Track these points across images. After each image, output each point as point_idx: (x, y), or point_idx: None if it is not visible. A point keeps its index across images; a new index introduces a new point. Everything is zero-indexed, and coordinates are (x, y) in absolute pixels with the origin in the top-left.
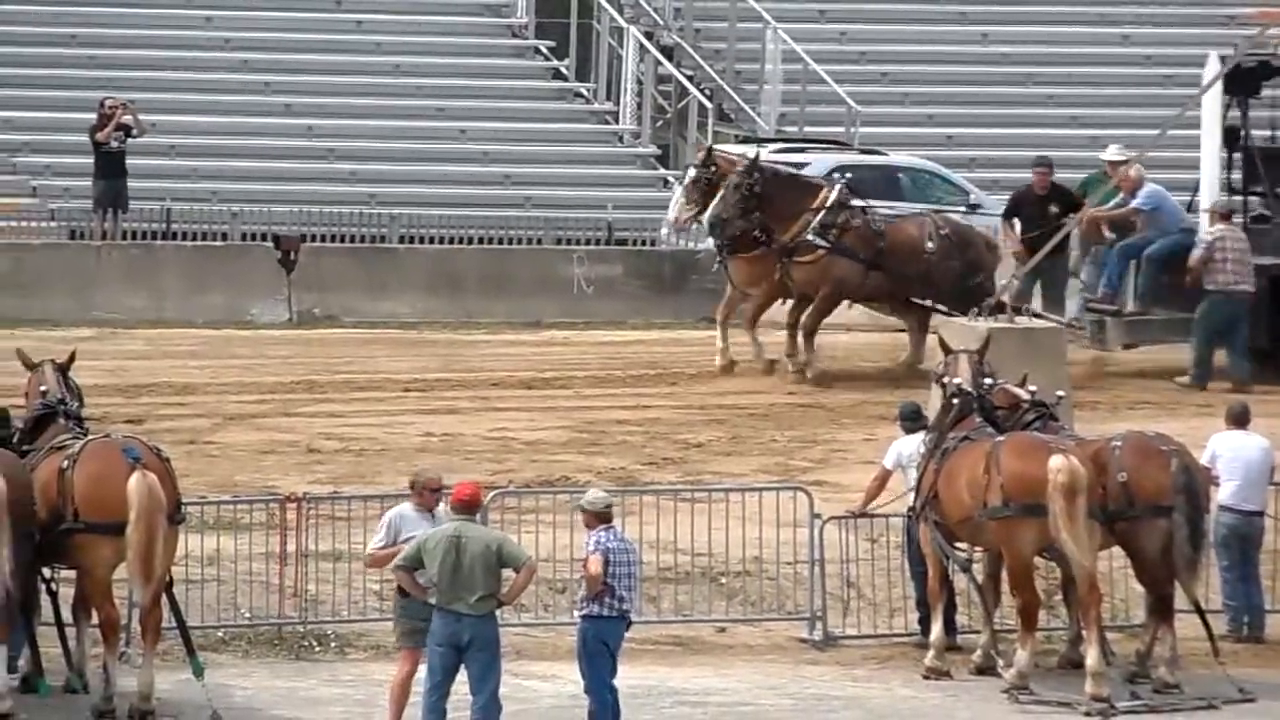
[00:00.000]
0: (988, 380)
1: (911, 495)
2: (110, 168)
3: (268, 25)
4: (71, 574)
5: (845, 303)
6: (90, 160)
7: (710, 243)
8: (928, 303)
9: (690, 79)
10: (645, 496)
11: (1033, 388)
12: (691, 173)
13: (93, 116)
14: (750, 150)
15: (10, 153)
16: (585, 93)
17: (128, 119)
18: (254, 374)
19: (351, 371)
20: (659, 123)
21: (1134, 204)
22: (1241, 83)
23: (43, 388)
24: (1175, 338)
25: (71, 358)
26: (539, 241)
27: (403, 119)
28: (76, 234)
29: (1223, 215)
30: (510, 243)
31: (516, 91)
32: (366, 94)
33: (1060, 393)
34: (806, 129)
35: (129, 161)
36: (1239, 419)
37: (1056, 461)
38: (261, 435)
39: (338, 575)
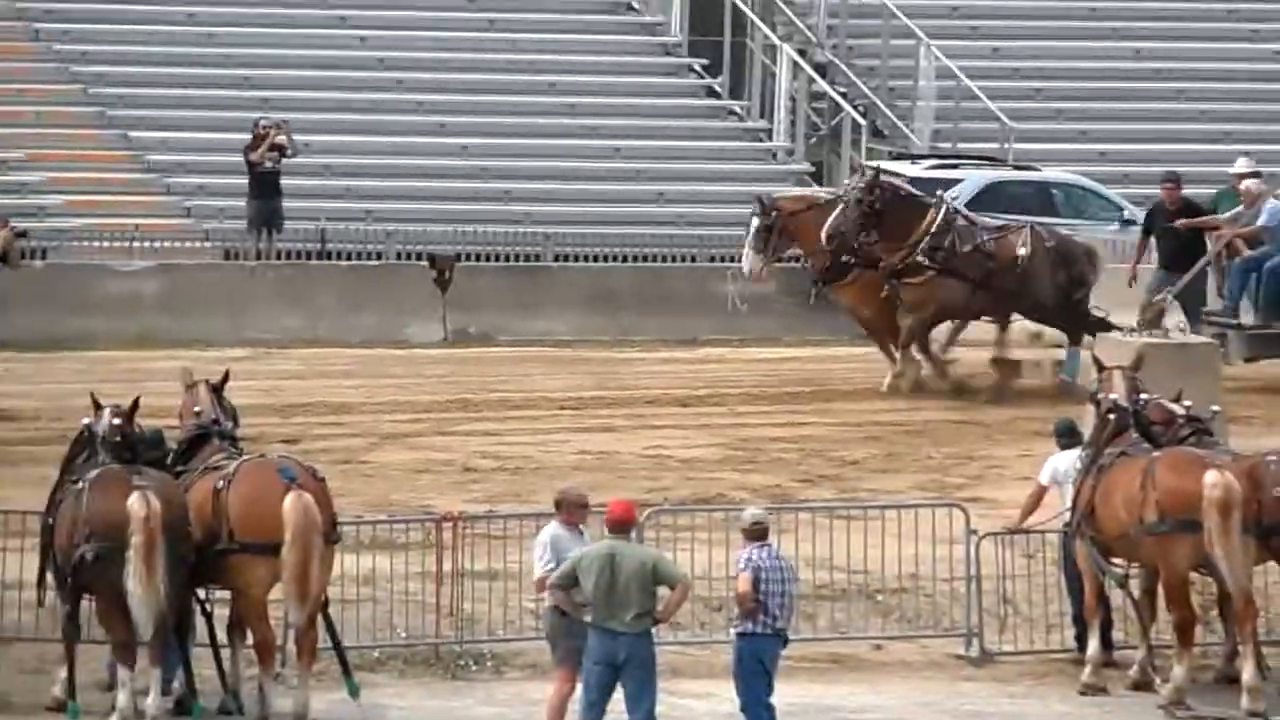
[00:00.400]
0: (1143, 396)
1: (1068, 511)
2: (264, 188)
3: (421, 45)
4: (227, 595)
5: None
6: (245, 181)
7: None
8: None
9: (844, 96)
10: (800, 514)
11: (1188, 403)
12: (755, 223)
13: (247, 137)
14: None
15: (164, 173)
16: (739, 110)
17: (281, 139)
18: (409, 393)
19: (506, 390)
20: (813, 140)
21: (1260, 222)
22: None
23: (197, 408)
24: None
25: (225, 378)
26: (693, 259)
27: (556, 137)
28: (231, 254)
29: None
30: (664, 260)
31: (670, 110)
32: (520, 113)
33: (1215, 408)
34: (960, 145)
35: (283, 182)
36: None
37: (1211, 477)
38: (417, 454)
39: (494, 594)
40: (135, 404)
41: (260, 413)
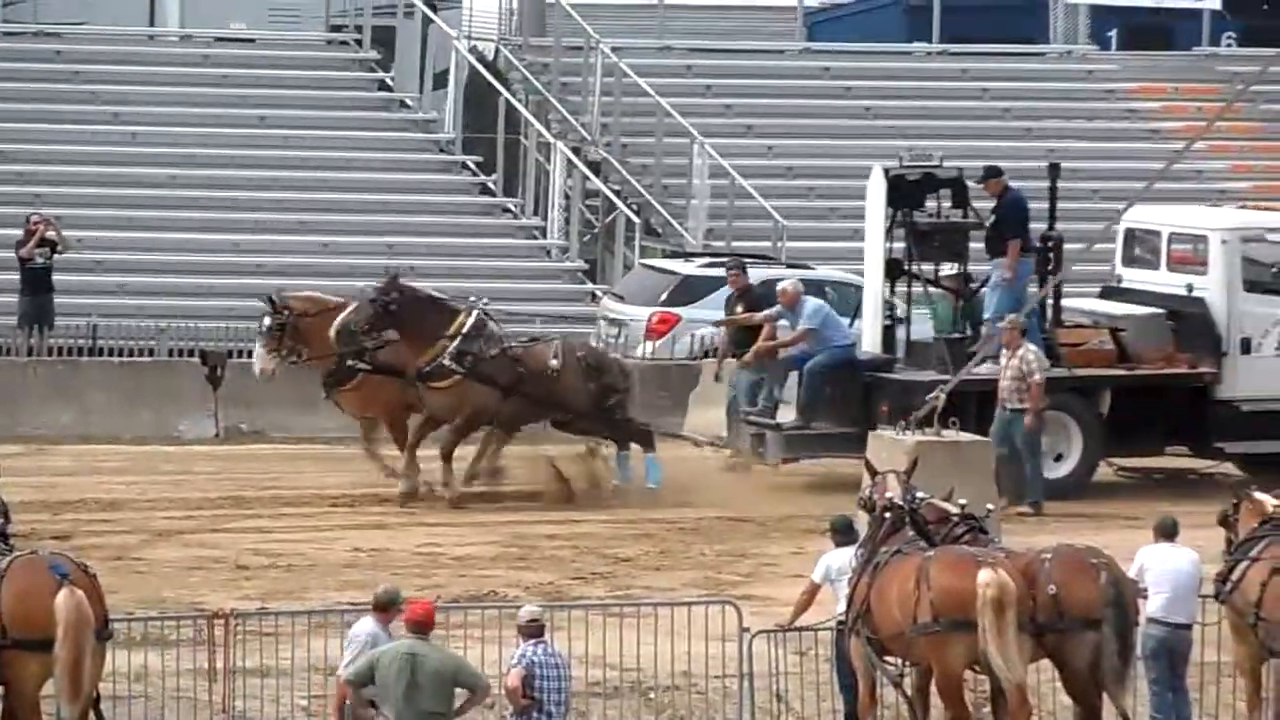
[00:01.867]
0: (919, 495)
1: (841, 609)
2: (35, 284)
3: (193, 140)
4: None
5: None
6: (16, 276)
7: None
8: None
9: (618, 194)
10: (574, 611)
11: (962, 501)
12: (266, 321)
13: (18, 233)
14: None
15: None
16: (513, 208)
17: (52, 235)
18: (181, 490)
19: (279, 487)
20: (587, 237)
21: (803, 325)
22: (905, 195)
23: None
24: (836, 451)
25: None
26: None
27: (331, 234)
28: (2, 350)
29: (1022, 332)
30: None
31: (444, 206)
32: (293, 209)
33: (990, 506)
34: (734, 243)
35: (55, 278)
36: (1168, 532)
37: (985, 576)
38: (189, 551)
39: (266, 691)
40: None
41: (32, 509)
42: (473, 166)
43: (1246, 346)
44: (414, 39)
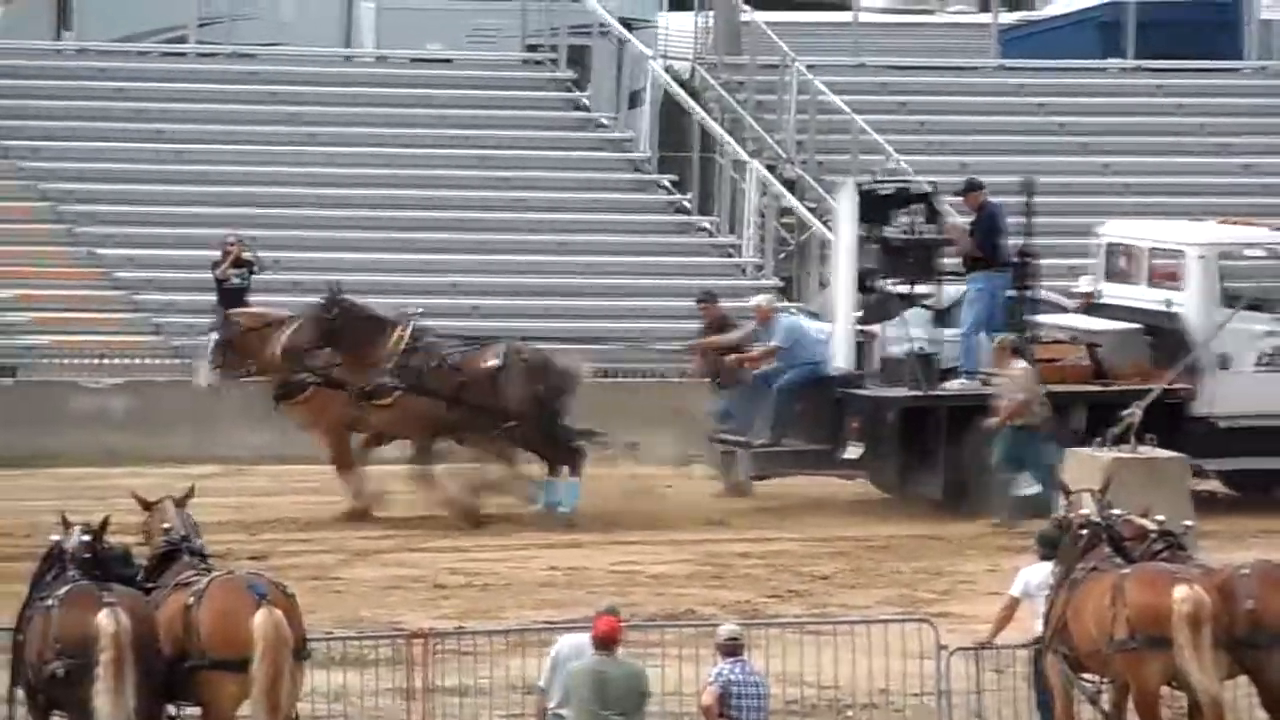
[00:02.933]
0: (1115, 511)
1: (1039, 625)
2: (232, 304)
3: (382, 161)
4: (197, 711)
5: None
6: (213, 297)
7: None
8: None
9: (813, 211)
10: (770, 629)
11: (1160, 517)
12: (213, 336)
13: (215, 253)
14: None
15: (131, 290)
16: (708, 226)
17: (248, 255)
18: (377, 509)
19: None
20: (782, 255)
21: (775, 341)
22: (876, 209)
23: (165, 524)
24: (808, 469)
25: (189, 493)
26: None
27: (527, 254)
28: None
29: (1014, 351)
30: (638, 376)
31: (639, 225)
32: (491, 229)
33: (1188, 522)
34: None
35: (252, 298)
36: None
37: (1181, 592)
38: (387, 571)
39: (464, 711)
40: (105, 522)
41: (229, 529)
42: (668, 185)
43: (1224, 363)
44: (609, 59)
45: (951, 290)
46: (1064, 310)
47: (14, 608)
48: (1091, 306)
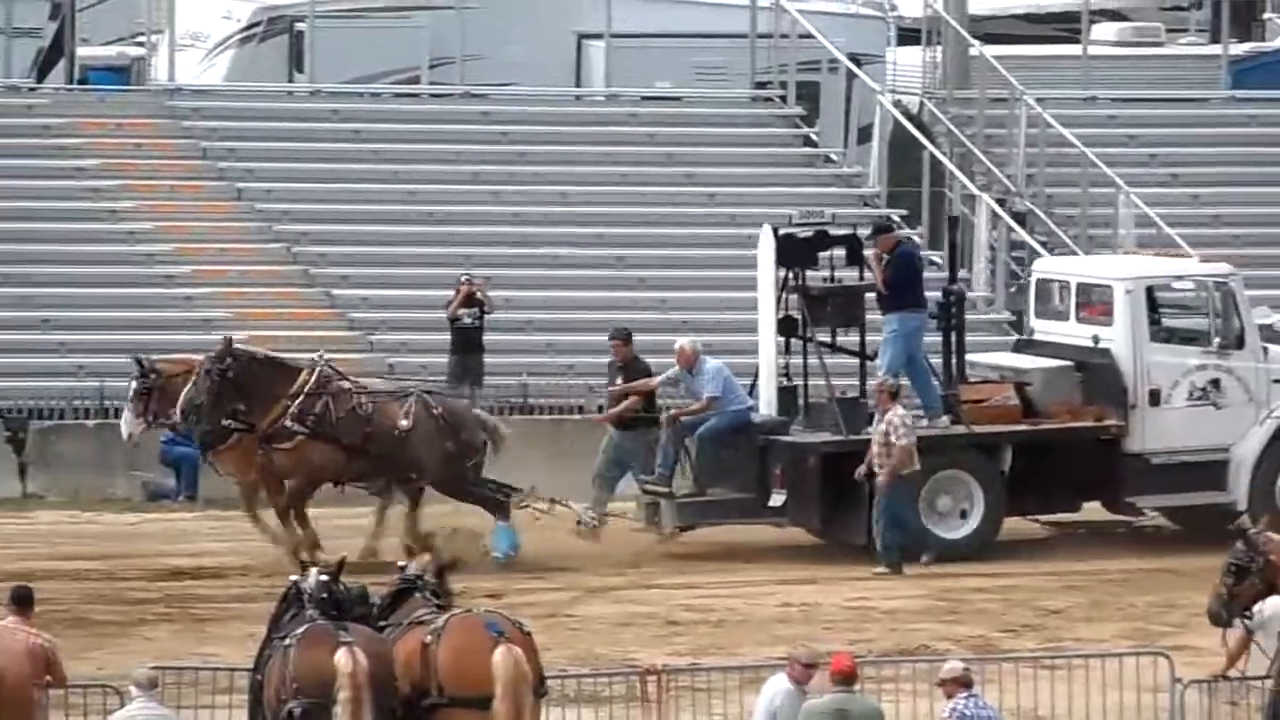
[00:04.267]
0: None
1: (1274, 657)
2: (465, 343)
3: (618, 199)
4: None
5: None
6: (446, 337)
7: None
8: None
9: (1044, 245)
10: (1004, 664)
11: None
12: (133, 385)
13: (448, 293)
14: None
15: (366, 330)
16: (939, 261)
17: (480, 295)
18: (609, 546)
19: (711, 541)
20: (1013, 289)
21: (709, 392)
22: (796, 253)
23: (401, 563)
24: (733, 518)
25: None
26: None
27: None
28: None
29: (892, 395)
30: None
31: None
32: (719, 265)
33: None
34: None
35: (485, 337)
36: None
37: None
38: (621, 607)
39: None
40: (342, 562)
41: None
42: (898, 220)
43: (1155, 398)
44: (838, 94)
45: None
46: None
47: (252, 649)
48: (1022, 344)
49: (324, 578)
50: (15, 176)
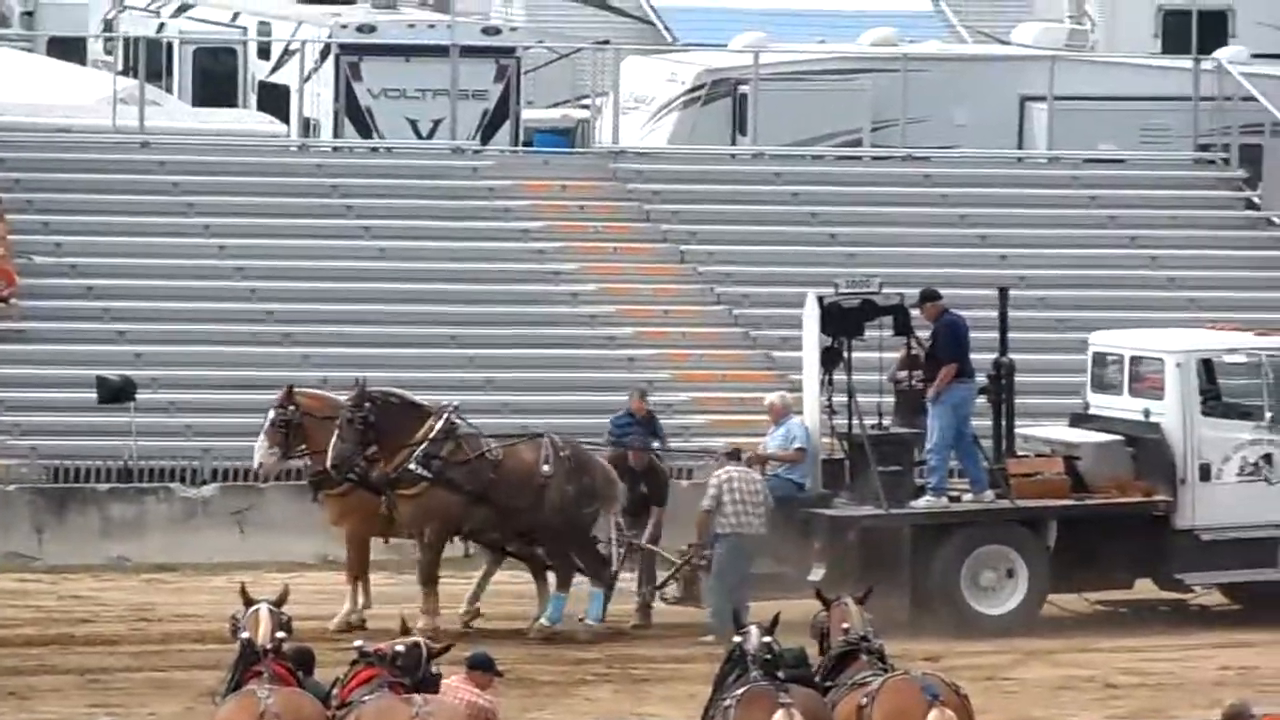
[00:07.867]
0: None
1: None
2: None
3: (1060, 261)
4: None
5: None
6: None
7: None
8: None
9: None
10: None
11: None
12: (271, 414)
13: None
14: None
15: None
16: None
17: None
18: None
19: (1151, 602)
20: None
21: (797, 444)
22: (842, 322)
23: (845, 624)
24: (771, 594)
25: (867, 592)
26: None
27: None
28: None
29: (729, 455)
30: None
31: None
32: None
33: None
34: None
35: None
36: None
37: None
38: (1059, 671)
39: None
40: (776, 619)
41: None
42: None
43: (1206, 473)
44: None
45: None
46: None
47: (694, 709)
48: (1079, 418)
49: (767, 639)
50: (461, 239)
